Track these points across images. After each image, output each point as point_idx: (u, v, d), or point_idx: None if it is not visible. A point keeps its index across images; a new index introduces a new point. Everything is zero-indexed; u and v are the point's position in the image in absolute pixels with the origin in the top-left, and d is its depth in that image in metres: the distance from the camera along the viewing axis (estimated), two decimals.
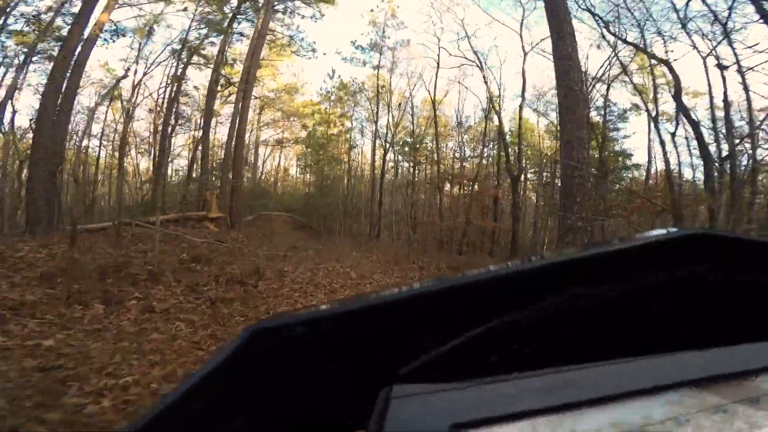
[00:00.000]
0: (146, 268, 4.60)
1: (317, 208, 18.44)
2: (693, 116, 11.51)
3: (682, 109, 11.41)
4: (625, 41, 13.57)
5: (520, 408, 0.22)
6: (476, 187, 15.30)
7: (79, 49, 8.60)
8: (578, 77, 6.58)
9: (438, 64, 17.74)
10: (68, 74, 8.23)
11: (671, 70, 11.88)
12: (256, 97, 20.70)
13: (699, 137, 11.23)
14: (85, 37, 9.63)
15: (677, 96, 11.48)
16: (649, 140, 17.18)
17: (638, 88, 16.72)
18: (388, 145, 19.43)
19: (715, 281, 0.34)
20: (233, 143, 11.89)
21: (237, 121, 11.87)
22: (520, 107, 17.87)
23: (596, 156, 17.09)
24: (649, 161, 17.07)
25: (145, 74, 17.71)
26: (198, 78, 18.40)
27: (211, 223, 9.37)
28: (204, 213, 9.66)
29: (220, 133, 20.25)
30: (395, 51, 19.27)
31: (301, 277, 5.74)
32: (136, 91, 17.54)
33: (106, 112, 16.44)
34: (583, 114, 6.36)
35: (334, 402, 0.31)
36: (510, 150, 16.63)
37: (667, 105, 16.39)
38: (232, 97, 17.23)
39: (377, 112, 19.12)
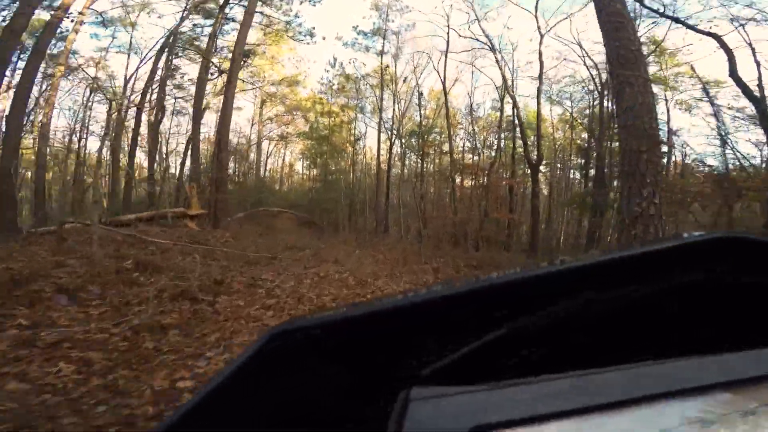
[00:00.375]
0: (58, 282, 3.36)
1: (321, 203, 17.30)
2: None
3: (741, 86, 9.82)
4: (663, 14, 11.99)
5: (540, 411, 0.21)
6: (491, 177, 13.76)
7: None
8: (632, 35, 5.19)
9: (447, 43, 16.31)
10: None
11: (723, 44, 10.34)
12: (253, 87, 19.62)
13: (762, 115, 9.67)
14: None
15: (733, 72, 9.90)
16: (669, 129, 15.89)
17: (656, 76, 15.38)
18: (394, 136, 18.08)
19: (742, 285, 0.33)
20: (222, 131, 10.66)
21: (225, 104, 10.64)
22: (538, 90, 16.47)
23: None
24: (669, 150, 15.73)
25: (138, 68, 16.74)
26: (194, 72, 17.33)
27: (192, 221, 8.12)
28: (182, 210, 8.43)
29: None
30: (400, 35, 17.89)
31: (283, 286, 4.45)
32: (130, 86, 16.59)
33: (85, 106, 15.31)
34: (646, 76, 4.96)
35: (352, 404, 0.31)
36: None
37: (684, 94, 15.29)
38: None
39: (381, 98, 17.76)
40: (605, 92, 16.79)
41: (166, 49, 15.92)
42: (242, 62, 12.43)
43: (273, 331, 0.28)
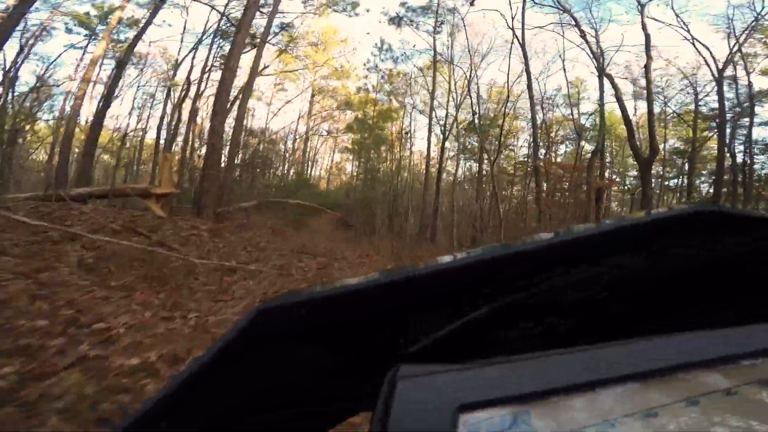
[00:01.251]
0: None
1: (361, 202, 14.62)
2: None
3: None
4: None
5: (530, 389, 0.21)
6: (591, 177, 9.99)
7: None
8: None
9: (524, 7, 12.86)
10: None
11: None
12: (303, 67, 17.61)
13: None
14: None
15: None
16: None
17: None
18: (448, 131, 14.79)
19: (722, 261, 0.33)
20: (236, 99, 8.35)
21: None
22: (646, 67, 12.45)
23: None
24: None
25: (195, 50, 15.68)
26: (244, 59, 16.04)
27: (156, 203, 5.66)
28: (145, 186, 6.04)
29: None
30: (457, 12, 14.63)
31: (115, 363, 1.56)
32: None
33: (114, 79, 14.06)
34: None
35: (341, 383, 0.31)
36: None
37: None
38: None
39: (434, 81, 14.63)
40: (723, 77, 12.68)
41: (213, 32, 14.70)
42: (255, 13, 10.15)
43: (257, 309, 0.27)
